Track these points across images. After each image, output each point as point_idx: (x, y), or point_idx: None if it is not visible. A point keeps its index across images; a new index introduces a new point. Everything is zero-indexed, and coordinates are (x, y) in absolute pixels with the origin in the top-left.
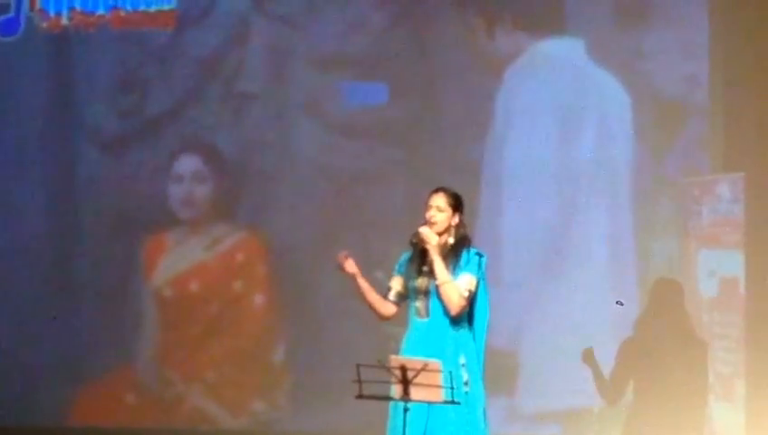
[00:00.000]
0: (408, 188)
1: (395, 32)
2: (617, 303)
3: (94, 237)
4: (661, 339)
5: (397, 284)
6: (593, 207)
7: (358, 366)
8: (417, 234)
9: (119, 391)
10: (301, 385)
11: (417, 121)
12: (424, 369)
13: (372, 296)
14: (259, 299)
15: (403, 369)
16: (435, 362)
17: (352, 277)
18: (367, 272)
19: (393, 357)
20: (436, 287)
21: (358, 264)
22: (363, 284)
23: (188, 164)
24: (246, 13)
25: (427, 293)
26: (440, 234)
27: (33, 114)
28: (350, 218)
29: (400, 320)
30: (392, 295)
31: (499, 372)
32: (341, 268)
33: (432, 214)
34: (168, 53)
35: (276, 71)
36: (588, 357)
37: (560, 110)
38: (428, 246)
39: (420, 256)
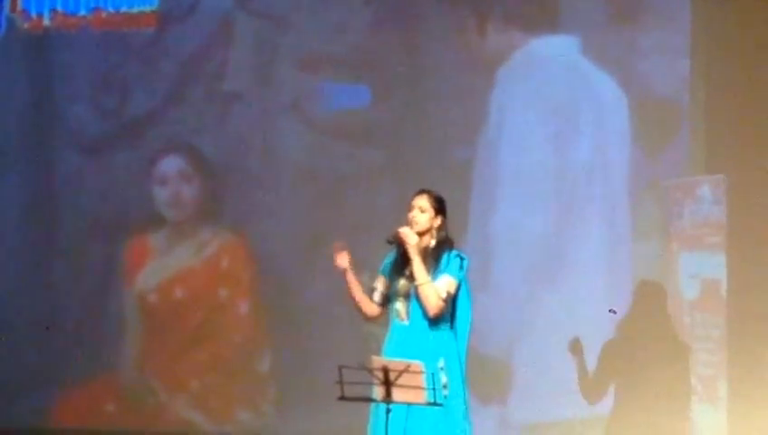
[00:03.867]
0: (395, 190)
1: (382, 30)
2: (610, 311)
3: (75, 241)
4: (643, 341)
5: (380, 285)
6: (589, 211)
7: (340, 368)
8: (395, 233)
9: (99, 399)
10: (286, 393)
11: (404, 122)
12: (406, 370)
13: (359, 294)
14: (244, 306)
15: (385, 370)
16: (417, 364)
17: (343, 272)
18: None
19: (375, 358)
20: (415, 289)
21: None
22: (352, 279)
23: (173, 165)
24: (230, 11)
25: (407, 296)
26: (421, 235)
27: (12, 115)
28: (336, 222)
29: (385, 320)
30: (376, 296)
31: (490, 382)
32: (334, 260)
33: (414, 214)
34: (151, 53)
35: (261, 70)
36: (575, 350)
37: (554, 109)
38: (408, 246)
39: (403, 258)
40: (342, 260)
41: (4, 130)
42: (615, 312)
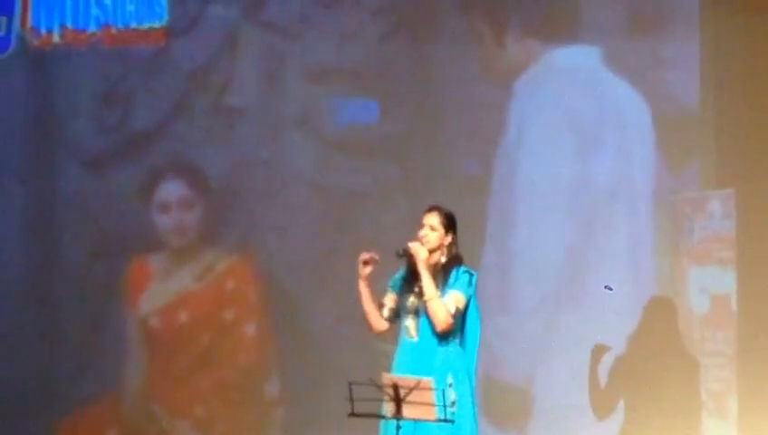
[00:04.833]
0: (408, 206)
1: (393, 41)
2: (606, 287)
3: (75, 261)
4: (653, 356)
5: (390, 301)
6: (611, 227)
7: (350, 384)
8: (406, 248)
9: (101, 426)
10: (295, 418)
11: (417, 136)
12: (416, 387)
13: (369, 306)
14: (251, 328)
15: (395, 387)
16: (427, 380)
17: (363, 279)
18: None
19: (385, 375)
20: (424, 305)
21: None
22: (366, 291)
23: (174, 190)
24: (236, 22)
25: (416, 312)
26: (432, 252)
27: (13, 130)
28: (346, 239)
29: (395, 337)
30: (385, 312)
31: (510, 408)
32: (359, 263)
33: (424, 233)
34: (154, 65)
35: (267, 83)
36: (595, 357)
37: (575, 122)
38: (417, 261)
39: (413, 274)
40: (366, 268)
41: (4, 145)
42: (611, 289)
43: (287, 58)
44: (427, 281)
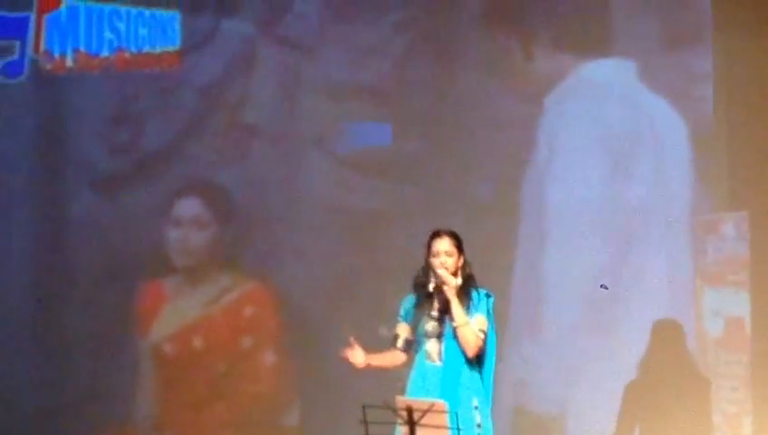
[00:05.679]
0: (428, 229)
1: (415, 56)
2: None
3: (85, 286)
4: (667, 378)
5: (404, 331)
6: (648, 250)
7: (364, 407)
8: (439, 277)
9: None
10: None
11: (440, 156)
12: (430, 410)
13: (384, 362)
14: (269, 356)
15: (409, 410)
16: (441, 403)
17: (365, 359)
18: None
19: (399, 398)
20: (454, 330)
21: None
22: (375, 362)
23: (188, 207)
24: (252, 37)
25: (439, 336)
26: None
27: (21, 152)
28: (366, 263)
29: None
30: (400, 344)
31: None
32: (349, 357)
33: (443, 260)
34: (166, 83)
35: (284, 101)
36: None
37: (609, 139)
38: (447, 289)
39: (428, 299)
40: (358, 357)
41: (13, 168)
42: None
43: (304, 74)
44: (457, 308)
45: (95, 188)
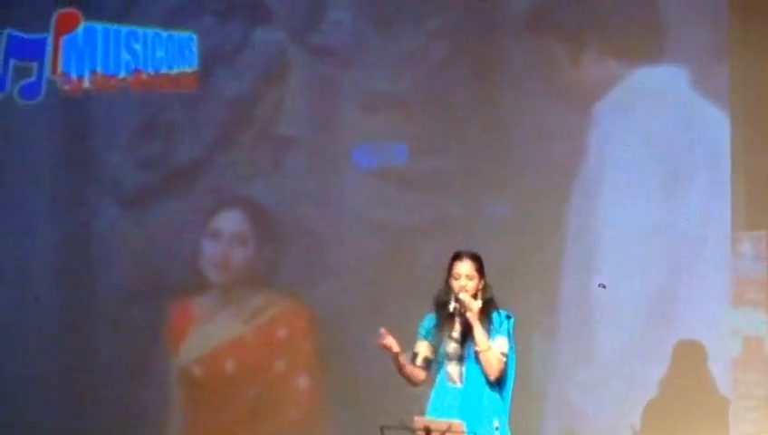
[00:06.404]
0: (470, 245)
1: (454, 66)
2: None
3: (112, 305)
4: (686, 398)
5: (424, 349)
6: (702, 269)
7: (382, 429)
8: (461, 301)
9: None
10: None
11: (480, 168)
12: (448, 430)
13: (409, 369)
14: (304, 380)
15: (427, 430)
16: (458, 423)
17: (395, 356)
18: (411, 341)
19: (417, 418)
20: (476, 354)
21: (399, 340)
22: (403, 361)
23: (230, 221)
24: (285, 46)
25: (460, 358)
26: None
27: (45, 166)
28: (405, 283)
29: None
30: (419, 361)
31: None
32: (383, 344)
33: (464, 284)
34: (196, 94)
35: (319, 112)
36: None
37: (661, 151)
38: (470, 313)
39: (449, 320)
40: (394, 344)
41: (37, 183)
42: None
43: (339, 84)
44: (480, 333)
45: (122, 203)
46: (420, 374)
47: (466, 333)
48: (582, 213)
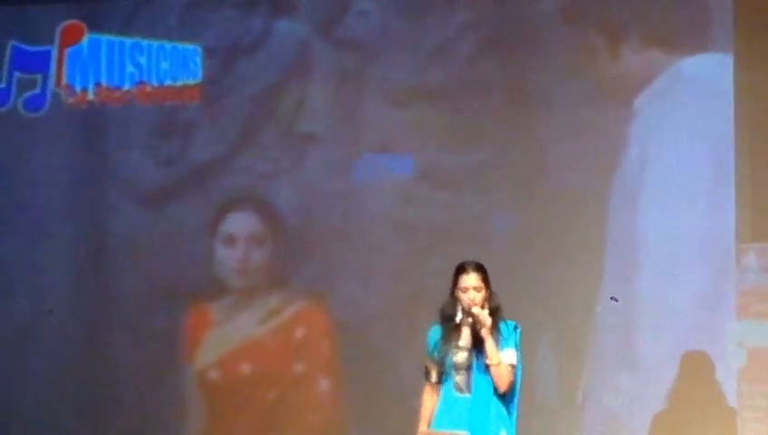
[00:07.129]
0: (503, 247)
1: (486, 58)
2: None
3: (128, 307)
4: (691, 410)
5: (436, 364)
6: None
7: None
8: (473, 314)
9: None
10: None
11: (513, 166)
12: None
13: (429, 408)
14: (324, 383)
15: None
16: (462, 434)
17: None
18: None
19: (423, 429)
20: (486, 366)
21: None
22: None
23: (244, 223)
24: (308, 40)
25: (468, 368)
26: None
27: (60, 166)
28: (430, 285)
29: None
30: (435, 377)
31: None
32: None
33: (472, 297)
34: (216, 90)
35: (344, 108)
36: None
37: (708, 144)
38: (482, 327)
39: (455, 330)
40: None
41: (52, 184)
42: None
43: (364, 78)
44: (491, 347)
45: (139, 204)
46: (435, 398)
47: (474, 343)
48: (623, 209)
